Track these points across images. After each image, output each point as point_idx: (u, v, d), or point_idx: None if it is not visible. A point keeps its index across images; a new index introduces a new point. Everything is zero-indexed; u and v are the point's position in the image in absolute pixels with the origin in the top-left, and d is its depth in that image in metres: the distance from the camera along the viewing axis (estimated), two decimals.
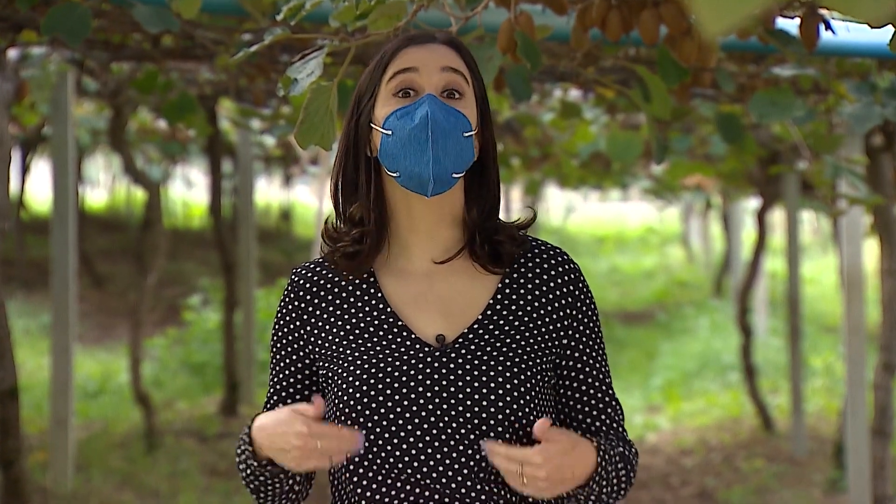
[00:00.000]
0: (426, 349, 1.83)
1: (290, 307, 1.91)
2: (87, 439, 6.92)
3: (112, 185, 24.69)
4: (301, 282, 1.92)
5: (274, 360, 1.93)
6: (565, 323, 1.89)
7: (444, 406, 1.79)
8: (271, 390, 1.93)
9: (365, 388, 1.80)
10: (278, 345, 1.92)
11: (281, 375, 1.92)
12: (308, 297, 1.90)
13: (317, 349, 1.88)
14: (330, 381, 1.86)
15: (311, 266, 1.94)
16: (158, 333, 10.19)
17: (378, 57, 1.86)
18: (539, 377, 1.84)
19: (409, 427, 1.79)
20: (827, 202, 4.07)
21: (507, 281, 1.89)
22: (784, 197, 7.92)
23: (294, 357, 1.90)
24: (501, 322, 1.86)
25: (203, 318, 9.75)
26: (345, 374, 1.83)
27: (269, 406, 1.92)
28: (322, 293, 1.90)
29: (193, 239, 17.81)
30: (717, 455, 7.47)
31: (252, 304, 8.49)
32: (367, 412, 1.79)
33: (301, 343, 1.90)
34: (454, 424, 1.79)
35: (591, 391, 1.91)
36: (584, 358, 1.91)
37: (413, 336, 1.84)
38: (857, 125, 3.12)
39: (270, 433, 1.77)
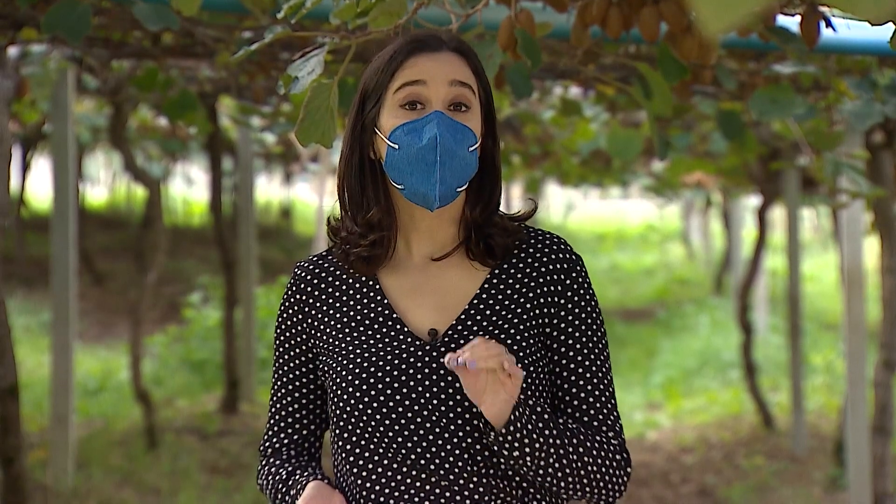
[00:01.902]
0: (417, 343, 1.84)
1: (292, 300, 1.94)
2: (87, 437, 6.93)
3: (112, 182, 24.70)
4: (304, 275, 1.94)
5: (277, 353, 1.96)
6: (552, 311, 1.86)
7: (435, 401, 1.80)
8: (277, 384, 1.96)
9: (358, 382, 1.82)
10: (281, 338, 1.95)
11: (285, 368, 1.95)
12: (310, 290, 1.92)
13: (318, 342, 1.91)
14: (328, 374, 1.88)
15: (314, 260, 1.96)
16: (159, 331, 10.19)
17: (386, 59, 1.84)
18: (532, 369, 1.83)
19: (404, 421, 1.80)
20: (830, 195, 4.08)
21: (496, 272, 1.89)
22: (784, 194, 7.92)
23: (297, 350, 1.93)
24: (488, 312, 1.85)
25: (203, 316, 9.76)
26: (339, 369, 1.85)
27: (275, 400, 1.96)
28: (324, 286, 1.92)
29: (193, 236, 17.82)
30: (717, 452, 7.48)
31: (252, 302, 8.49)
32: (362, 406, 1.81)
33: (304, 336, 1.92)
34: (444, 420, 1.79)
35: (582, 383, 1.86)
36: (578, 346, 1.86)
37: (406, 330, 1.85)
38: (857, 122, 3.12)
39: None
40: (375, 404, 1.80)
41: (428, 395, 1.80)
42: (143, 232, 7.01)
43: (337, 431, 1.85)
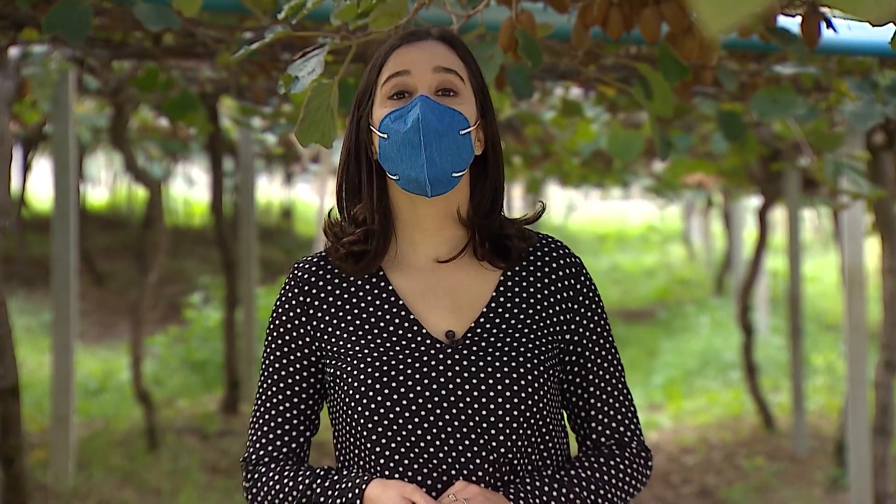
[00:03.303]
0: (437, 346, 1.81)
1: (292, 302, 1.86)
2: (87, 437, 6.93)
3: (113, 183, 24.70)
4: (304, 276, 1.87)
5: (272, 358, 1.87)
6: (567, 317, 1.88)
7: (461, 404, 1.78)
8: (272, 390, 1.87)
9: (379, 385, 1.78)
10: (278, 341, 1.87)
11: (282, 373, 1.86)
12: (314, 292, 1.86)
13: (323, 345, 1.85)
14: (338, 379, 1.82)
15: (315, 260, 1.89)
16: (159, 331, 10.19)
17: (374, 57, 1.86)
18: (548, 372, 1.83)
19: (426, 425, 1.77)
20: (830, 196, 4.08)
21: (508, 274, 1.88)
22: (785, 195, 7.92)
23: (297, 354, 1.86)
24: (507, 315, 1.85)
25: (204, 316, 9.75)
26: (354, 372, 1.80)
27: (268, 407, 1.87)
28: (328, 287, 1.86)
29: (194, 237, 17.82)
30: (718, 453, 7.47)
31: (253, 302, 8.49)
32: (383, 410, 1.77)
33: (307, 339, 1.85)
34: (471, 422, 1.78)
35: (606, 389, 1.91)
36: (591, 347, 1.89)
37: (424, 331, 1.82)
38: (858, 123, 3.12)
39: None
40: (398, 408, 1.77)
41: (452, 398, 1.78)
42: (143, 232, 7.01)
43: (353, 435, 1.81)
